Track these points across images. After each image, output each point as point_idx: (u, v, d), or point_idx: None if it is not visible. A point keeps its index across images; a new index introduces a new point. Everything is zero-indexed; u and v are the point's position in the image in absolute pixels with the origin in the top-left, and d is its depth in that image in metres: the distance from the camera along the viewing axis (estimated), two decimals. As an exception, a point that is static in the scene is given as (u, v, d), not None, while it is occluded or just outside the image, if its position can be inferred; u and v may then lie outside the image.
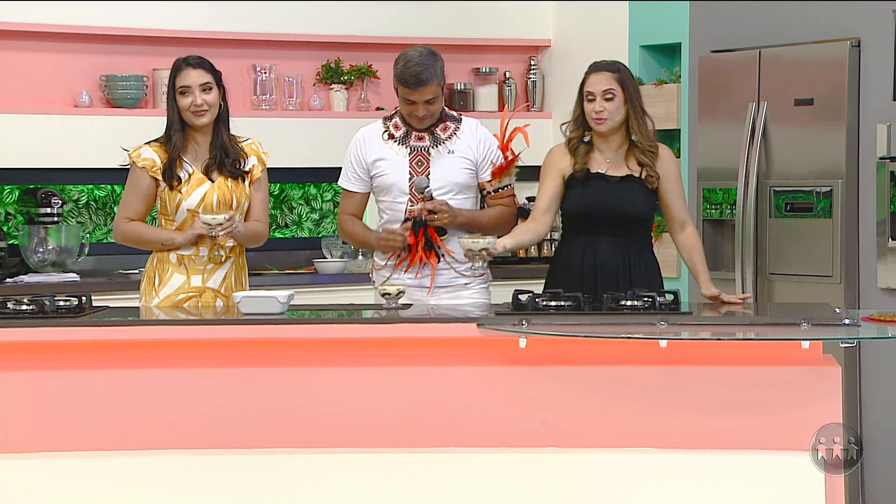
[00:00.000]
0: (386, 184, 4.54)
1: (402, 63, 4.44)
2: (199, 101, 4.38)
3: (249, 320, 3.97)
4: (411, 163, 4.52)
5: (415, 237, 4.48)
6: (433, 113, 4.50)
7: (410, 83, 4.41)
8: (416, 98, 4.44)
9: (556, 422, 3.88)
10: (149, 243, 4.47)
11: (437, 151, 4.53)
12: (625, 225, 4.41)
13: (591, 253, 4.41)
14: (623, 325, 3.86)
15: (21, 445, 3.88)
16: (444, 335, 3.92)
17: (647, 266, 4.46)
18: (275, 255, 6.48)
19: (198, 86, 4.38)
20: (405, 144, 4.54)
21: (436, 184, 4.50)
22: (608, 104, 4.34)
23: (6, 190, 6.12)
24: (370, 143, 4.58)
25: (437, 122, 4.56)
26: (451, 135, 4.55)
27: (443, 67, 4.48)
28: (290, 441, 3.90)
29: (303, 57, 6.52)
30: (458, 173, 4.53)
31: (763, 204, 5.63)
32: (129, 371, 3.92)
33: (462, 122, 4.59)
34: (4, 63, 5.96)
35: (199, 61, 4.44)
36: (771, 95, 5.60)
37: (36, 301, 4.02)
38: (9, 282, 5.79)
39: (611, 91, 4.34)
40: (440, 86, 4.47)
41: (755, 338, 3.90)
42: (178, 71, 4.42)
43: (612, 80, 4.35)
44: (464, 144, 4.54)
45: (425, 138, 4.54)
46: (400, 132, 4.56)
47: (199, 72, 4.40)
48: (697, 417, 3.83)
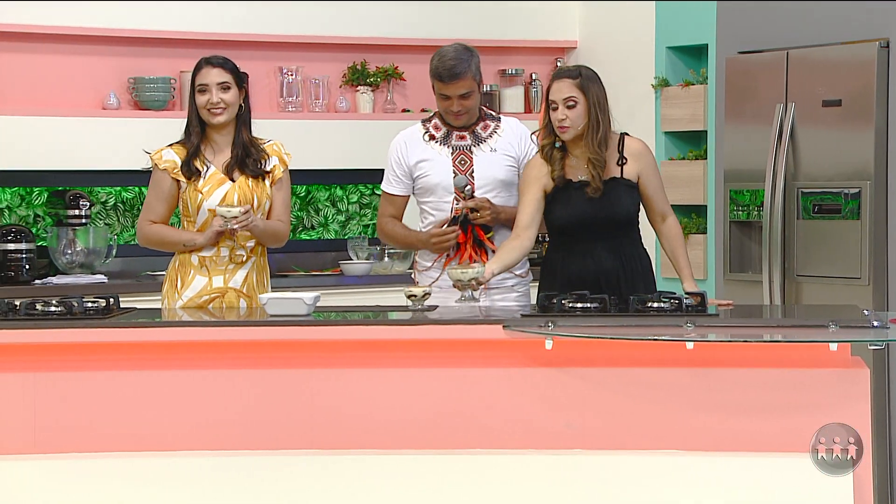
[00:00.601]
0: (430, 184, 4.55)
1: (438, 58, 4.47)
2: (216, 100, 4.40)
3: (276, 322, 3.98)
4: (454, 162, 4.53)
5: (464, 235, 4.49)
6: (469, 109, 4.50)
7: (444, 77, 4.43)
8: (450, 92, 4.45)
9: (582, 424, 3.87)
10: (171, 245, 4.49)
11: (480, 149, 4.54)
12: (619, 227, 4.40)
13: (590, 260, 4.38)
14: (650, 327, 3.85)
15: (49, 446, 3.90)
16: (469, 337, 3.92)
17: (643, 262, 4.46)
18: (301, 256, 6.50)
19: (215, 84, 4.40)
20: (447, 144, 4.56)
21: (479, 182, 4.51)
22: (570, 112, 4.30)
23: (35, 192, 6.16)
24: (411, 146, 4.59)
25: (477, 121, 4.57)
26: (492, 133, 4.56)
27: (478, 63, 4.50)
28: (315, 442, 3.91)
29: (329, 59, 6.53)
30: (500, 170, 4.53)
31: (791, 205, 5.61)
32: (157, 372, 3.93)
33: (502, 121, 4.62)
34: (33, 66, 6.00)
35: (221, 61, 4.46)
36: (799, 96, 5.58)
37: (64, 302, 4.05)
38: (37, 283, 5.83)
39: (572, 98, 4.30)
40: (475, 80, 4.47)
41: (783, 340, 3.88)
42: (199, 69, 4.45)
43: (574, 88, 4.31)
44: (505, 142, 4.55)
45: (466, 137, 4.56)
46: (440, 132, 4.57)
47: (218, 70, 4.42)
48: (724, 420, 3.82)
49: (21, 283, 5.80)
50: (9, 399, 3.91)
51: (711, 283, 6.04)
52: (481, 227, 4.49)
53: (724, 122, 5.92)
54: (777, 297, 5.61)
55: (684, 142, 6.47)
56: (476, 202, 4.44)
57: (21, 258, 5.83)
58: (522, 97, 6.89)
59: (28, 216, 6.16)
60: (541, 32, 6.87)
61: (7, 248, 5.82)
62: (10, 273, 5.82)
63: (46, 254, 6.00)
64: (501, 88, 6.85)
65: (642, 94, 6.48)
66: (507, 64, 6.88)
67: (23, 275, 5.83)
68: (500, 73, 6.89)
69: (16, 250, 5.83)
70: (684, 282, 4.40)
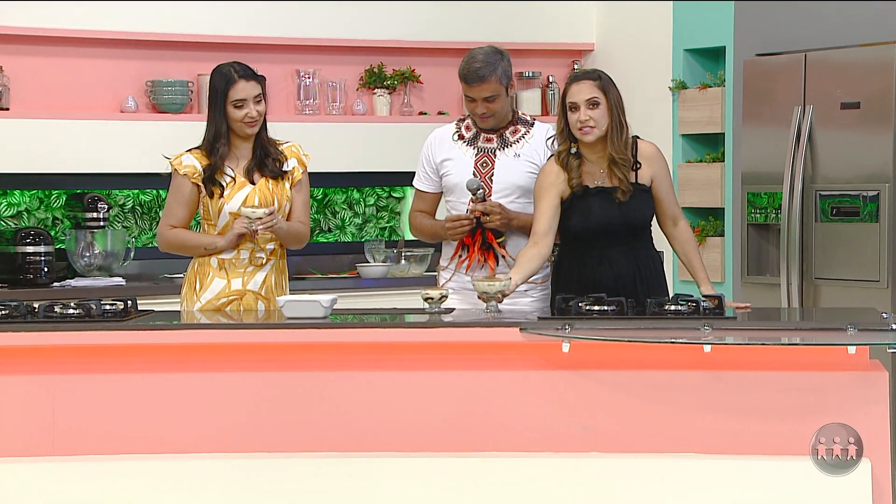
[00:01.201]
0: (451, 184, 4.57)
1: (466, 60, 4.48)
2: (254, 114, 4.42)
3: (293, 324, 3.99)
4: (476, 164, 4.54)
5: (471, 238, 4.49)
6: (495, 112, 4.50)
7: (469, 79, 4.45)
8: (475, 95, 4.46)
9: (598, 427, 3.87)
10: (192, 249, 4.51)
11: (504, 153, 4.54)
12: (635, 232, 4.39)
13: (606, 265, 4.36)
14: (667, 330, 3.85)
15: (67, 448, 3.92)
16: (486, 339, 3.92)
17: (655, 265, 4.45)
18: (318, 259, 6.51)
19: (252, 98, 4.41)
20: (473, 145, 4.57)
21: (498, 185, 4.51)
22: (593, 112, 4.26)
23: (54, 195, 6.19)
24: (440, 144, 4.61)
25: (508, 125, 4.57)
26: (520, 138, 4.56)
27: (507, 67, 4.49)
28: (332, 445, 3.91)
29: (346, 62, 6.55)
30: (521, 176, 4.52)
31: (809, 208, 5.60)
32: (174, 375, 3.95)
33: (533, 127, 4.60)
34: (52, 69, 6.03)
35: (247, 72, 4.45)
36: (817, 99, 5.56)
37: (82, 305, 4.06)
38: (56, 286, 5.86)
39: (594, 99, 4.26)
40: (501, 84, 4.47)
41: (801, 343, 3.87)
42: (231, 83, 4.41)
43: (595, 88, 4.27)
44: (531, 148, 4.54)
45: (493, 140, 4.56)
46: (470, 133, 4.58)
47: (251, 84, 4.42)
48: (742, 423, 3.81)
49: (39, 286, 5.83)
50: (27, 401, 3.93)
51: (729, 285, 6.03)
52: (492, 231, 4.48)
53: (742, 124, 5.91)
54: (795, 300, 5.59)
55: (702, 144, 6.46)
56: (486, 206, 4.44)
57: (39, 261, 5.86)
58: (539, 100, 6.88)
59: (46, 219, 6.18)
60: (557, 35, 6.86)
61: (26, 250, 5.85)
62: (29, 276, 5.84)
63: (65, 256, 6.02)
64: (518, 91, 6.84)
65: (659, 97, 6.47)
66: (524, 66, 6.88)
67: (41, 277, 5.86)
68: (517, 75, 6.88)
69: (34, 253, 5.85)
70: (701, 285, 4.38)
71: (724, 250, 6.17)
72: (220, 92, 4.43)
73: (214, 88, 4.45)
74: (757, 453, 3.81)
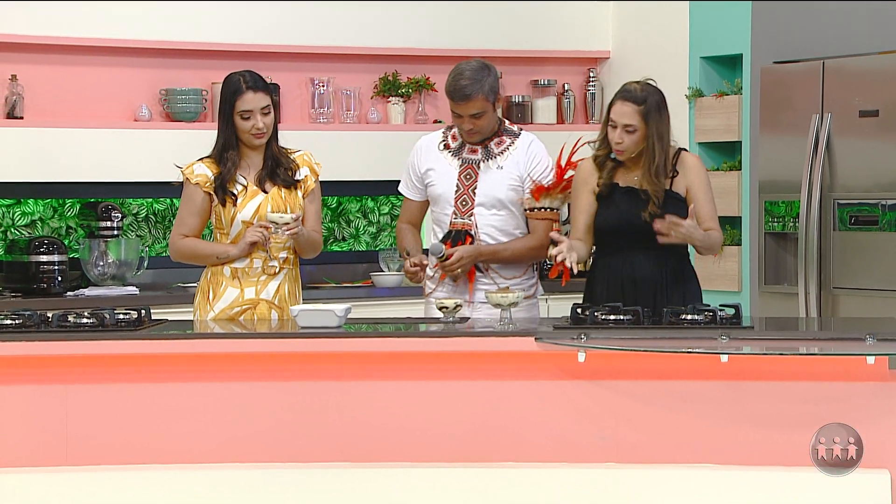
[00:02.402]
0: (434, 194, 4.59)
1: (453, 76, 4.47)
2: (261, 125, 4.42)
3: (307, 334, 3.99)
4: (460, 175, 4.55)
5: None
6: (481, 128, 4.51)
7: (455, 97, 4.44)
8: (462, 112, 4.46)
9: (615, 437, 3.86)
10: (204, 258, 4.51)
11: (487, 165, 4.55)
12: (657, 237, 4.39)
13: (628, 267, 4.39)
14: (683, 340, 3.84)
15: (81, 458, 3.92)
16: (501, 349, 3.92)
17: (684, 279, 4.43)
18: (332, 268, 6.51)
19: (259, 110, 4.41)
20: (458, 156, 4.57)
21: (480, 198, 4.52)
22: (627, 137, 4.34)
23: (67, 203, 6.21)
24: (426, 152, 4.62)
25: (493, 136, 4.57)
26: (505, 150, 4.56)
27: (494, 82, 4.48)
28: (346, 455, 3.91)
29: (360, 70, 6.56)
30: (503, 190, 4.54)
31: (827, 217, 5.58)
32: (188, 384, 3.95)
33: (519, 138, 4.60)
34: (65, 78, 6.05)
35: (257, 83, 4.44)
36: (835, 107, 5.55)
37: (96, 314, 4.07)
38: (69, 295, 5.87)
39: (632, 126, 4.33)
40: (489, 101, 4.46)
41: (819, 353, 3.86)
42: (238, 94, 4.41)
43: (636, 115, 4.32)
44: (514, 161, 4.55)
45: (478, 151, 4.57)
46: (456, 143, 4.60)
47: (259, 95, 4.41)
48: (759, 433, 3.80)
49: (53, 296, 5.84)
50: (41, 411, 3.93)
51: (746, 295, 6.01)
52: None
53: (759, 132, 5.90)
54: (813, 309, 5.58)
55: (718, 153, 6.45)
56: (450, 264, 4.41)
57: (53, 270, 5.88)
58: (555, 108, 6.88)
59: (60, 228, 6.20)
60: (573, 42, 6.86)
61: (39, 259, 5.87)
62: (43, 285, 5.86)
63: (78, 265, 6.04)
64: (533, 99, 6.84)
65: (676, 105, 6.41)
66: (539, 74, 6.88)
67: (55, 287, 5.87)
68: (532, 83, 6.89)
69: (48, 262, 5.87)
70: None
71: (740, 260, 6.15)
72: (228, 102, 4.44)
73: (223, 98, 4.46)
74: (775, 464, 3.80)
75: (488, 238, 4.54)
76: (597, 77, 6.94)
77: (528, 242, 4.56)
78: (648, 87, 4.39)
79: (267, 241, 4.42)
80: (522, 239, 4.57)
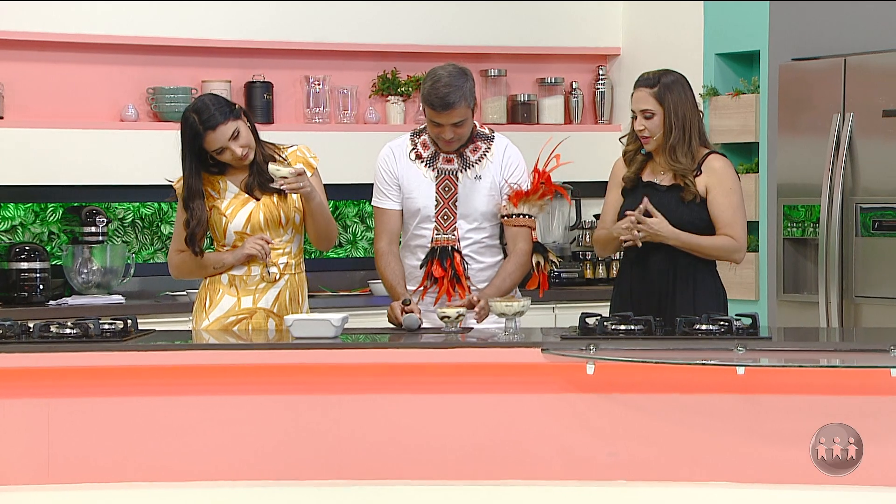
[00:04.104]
0: (412, 208, 4.57)
1: (430, 83, 4.44)
2: (239, 153, 4.39)
3: (301, 345, 4.00)
4: (438, 188, 4.54)
5: (443, 270, 4.49)
6: (461, 136, 4.51)
7: (437, 106, 4.42)
8: (443, 121, 4.45)
9: (625, 453, 3.86)
10: (201, 271, 4.51)
11: (465, 176, 4.54)
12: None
13: (639, 269, 4.44)
14: (698, 351, 3.85)
15: (64, 476, 3.92)
16: (506, 360, 3.92)
17: (698, 286, 4.43)
18: (328, 275, 6.52)
19: (228, 138, 4.36)
20: (432, 167, 4.56)
21: (462, 211, 4.53)
22: (648, 123, 4.45)
23: (49, 208, 6.22)
24: (398, 160, 4.59)
25: (467, 143, 4.56)
26: (481, 157, 4.56)
27: (472, 88, 4.48)
28: (342, 473, 3.92)
29: (358, 67, 6.57)
30: (483, 201, 4.55)
31: (848, 222, 5.59)
32: (176, 398, 3.96)
33: (493, 142, 4.59)
34: (48, 76, 6.07)
35: (212, 117, 4.32)
36: (857, 106, 5.56)
37: (80, 324, 4.08)
38: (52, 304, 5.88)
39: (648, 110, 4.43)
40: (469, 108, 4.47)
41: (841, 365, 3.87)
42: (199, 138, 4.34)
43: (650, 99, 4.43)
44: (491, 170, 4.55)
45: (454, 160, 4.56)
46: (428, 152, 4.57)
47: (220, 130, 4.34)
48: (778, 449, 3.80)
49: (35, 305, 5.85)
50: (22, 426, 3.94)
51: (763, 304, 6.02)
52: (461, 264, 4.49)
53: (778, 133, 5.91)
54: (834, 319, 5.58)
55: (735, 154, 6.45)
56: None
57: (35, 278, 5.89)
58: (562, 108, 6.89)
59: (42, 233, 6.22)
60: (582, 39, 6.87)
61: (20, 267, 5.88)
62: (24, 294, 5.87)
63: (61, 273, 6.05)
64: (539, 98, 6.85)
65: (690, 104, 6.47)
66: (545, 72, 6.89)
67: (37, 295, 5.88)
68: (539, 81, 6.90)
69: (29, 269, 5.88)
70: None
71: (758, 267, 6.16)
72: (190, 147, 4.38)
73: (183, 141, 4.40)
74: (794, 482, 3.80)
75: (473, 255, 4.54)
76: (606, 75, 6.95)
77: (518, 261, 4.52)
78: (666, 71, 4.52)
79: (266, 255, 4.41)
80: (510, 262, 4.53)
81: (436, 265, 4.51)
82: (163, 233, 6.32)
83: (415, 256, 4.60)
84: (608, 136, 6.69)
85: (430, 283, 4.54)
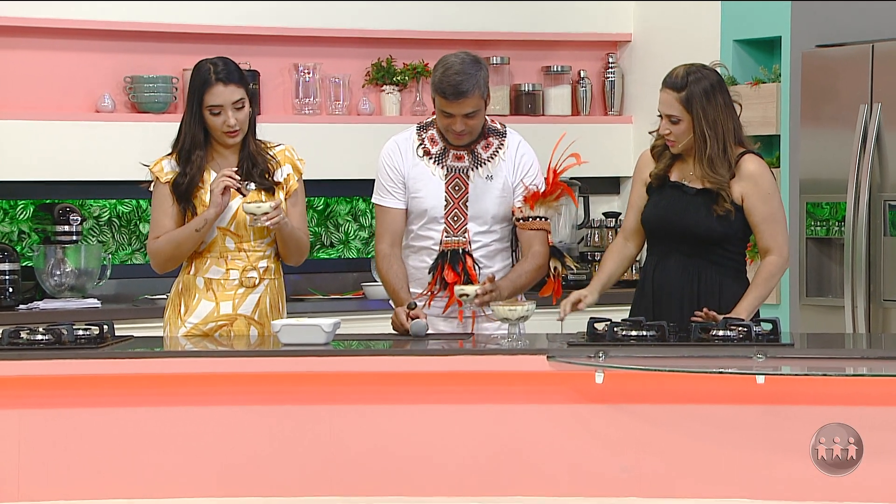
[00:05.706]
0: (419, 209, 4.57)
1: (441, 71, 4.45)
2: (233, 122, 4.41)
3: (290, 352, 4.00)
4: (448, 187, 4.54)
5: (456, 275, 4.49)
6: (473, 129, 4.51)
7: (449, 94, 4.42)
8: (455, 111, 4.45)
9: (637, 468, 3.87)
10: (184, 243, 4.43)
11: (477, 175, 4.54)
12: (696, 244, 4.41)
13: (659, 272, 4.44)
14: (714, 359, 3.85)
15: (35, 493, 3.93)
16: (509, 369, 3.93)
17: (722, 294, 4.43)
18: (319, 277, 6.53)
19: (231, 105, 4.40)
20: (441, 164, 4.56)
21: (472, 212, 4.54)
22: (673, 128, 4.41)
23: (20, 205, 6.22)
24: (404, 156, 4.59)
25: (479, 138, 4.57)
26: (493, 154, 4.56)
27: (486, 78, 4.49)
28: (335, 488, 3.92)
29: (350, 55, 6.57)
30: (494, 203, 4.56)
31: (876, 220, 5.59)
32: (156, 409, 3.96)
33: (506, 138, 4.60)
34: (18, 64, 6.07)
35: (230, 74, 4.41)
36: (885, 96, 5.57)
37: (52, 330, 4.09)
38: (22, 308, 5.88)
39: (674, 116, 4.39)
40: (482, 98, 4.47)
41: (867, 374, 3.87)
42: (207, 86, 4.40)
43: (676, 103, 4.37)
44: (504, 169, 4.56)
45: (464, 157, 4.56)
46: (437, 148, 4.57)
47: (231, 88, 4.39)
48: (800, 463, 3.81)
49: (4, 309, 5.86)
50: (-10, 439, 3.95)
51: (786, 309, 6.02)
52: (474, 268, 4.51)
53: (800, 125, 5.91)
54: (861, 324, 5.59)
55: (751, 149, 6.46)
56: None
57: (4, 280, 5.89)
58: (569, 98, 6.89)
59: (12, 233, 6.22)
60: (590, 25, 6.88)
61: (-12, 268, 5.89)
62: (-8, 297, 5.88)
63: (32, 275, 6.05)
64: (545, 88, 6.86)
65: (706, 94, 6.47)
66: (551, 60, 6.90)
67: (6, 299, 5.89)
68: (544, 70, 6.91)
69: (-2, 271, 5.89)
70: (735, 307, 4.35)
71: (779, 268, 6.16)
72: (196, 95, 4.43)
73: (191, 89, 4.45)
74: (818, 499, 3.80)
75: (482, 259, 4.55)
76: (616, 63, 6.96)
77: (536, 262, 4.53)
78: (696, 69, 4.42)
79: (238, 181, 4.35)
80: (527, 261, 4.54)
81: (447, 269, 4.51)
82: (141, 232, 6.32)
83: (419, 259, 4.60)
84: (618, 129, 6.70)
85: (438, 287, 4.54)
